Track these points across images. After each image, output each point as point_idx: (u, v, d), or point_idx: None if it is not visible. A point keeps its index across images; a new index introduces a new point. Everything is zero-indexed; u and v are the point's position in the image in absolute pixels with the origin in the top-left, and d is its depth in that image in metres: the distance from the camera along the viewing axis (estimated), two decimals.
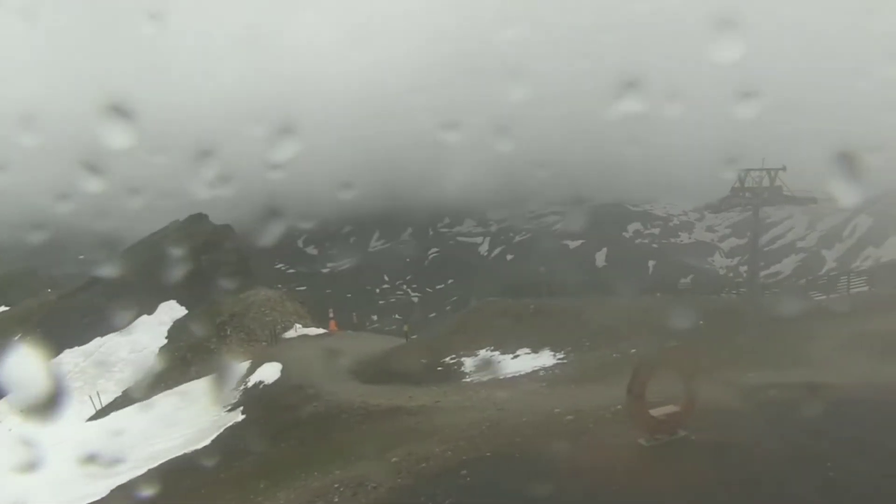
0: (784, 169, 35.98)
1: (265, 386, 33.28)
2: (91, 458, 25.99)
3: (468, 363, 32.63)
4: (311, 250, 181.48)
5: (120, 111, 11.37)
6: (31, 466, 14.65)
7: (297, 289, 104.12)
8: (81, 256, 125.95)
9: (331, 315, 53.64)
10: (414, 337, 48.23)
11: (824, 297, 38.52)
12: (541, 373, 28.50)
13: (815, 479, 10.97)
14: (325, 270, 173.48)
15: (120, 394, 45.90)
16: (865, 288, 38.05)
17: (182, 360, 47.12)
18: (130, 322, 55.68)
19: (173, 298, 58.09)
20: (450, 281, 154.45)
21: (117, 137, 11.48)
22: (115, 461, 25.18)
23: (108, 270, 55.45)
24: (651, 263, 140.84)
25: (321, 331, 50.18)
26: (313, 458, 18.68)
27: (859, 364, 18.22)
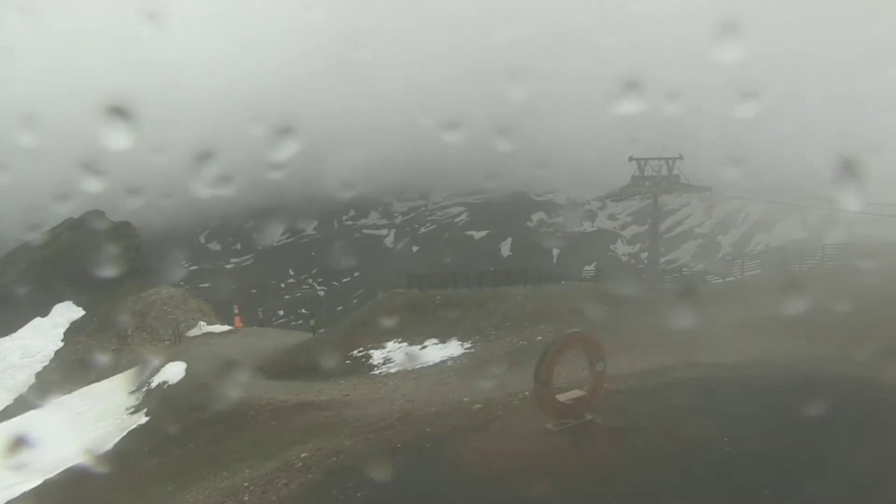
0: (681, 158, 37.10)
1: (169, 386, 32.48)
2: None
3: (376, 356, 32.58)
4: (214, 246, 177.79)
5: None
6: None
7: (201, 286, 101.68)
8: None
9: (236, 311, 52.82)
10: (321, 331, 47.83)
11: (721, 280, 40.00)
12: (449, 363, 28.69)
13: (714, 456, 11.38)
14: (228, 266, 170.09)
15: (12, 401, 43.90)
16: (758, 271, 39.69)
17: (80, 363, 45.50)
18: (21, 326, 53.26)
19: (69, 299, 55.88)
20: (356, 274, 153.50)
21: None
22: (8, 472, 24.10)
23: None
24: (555, 252, 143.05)
25: (226, 328, 49.32)
26: (222, 457, 18.36)
27: (754, 344, 18.99)
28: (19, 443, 18.56)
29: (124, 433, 27.91)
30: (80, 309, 55.82)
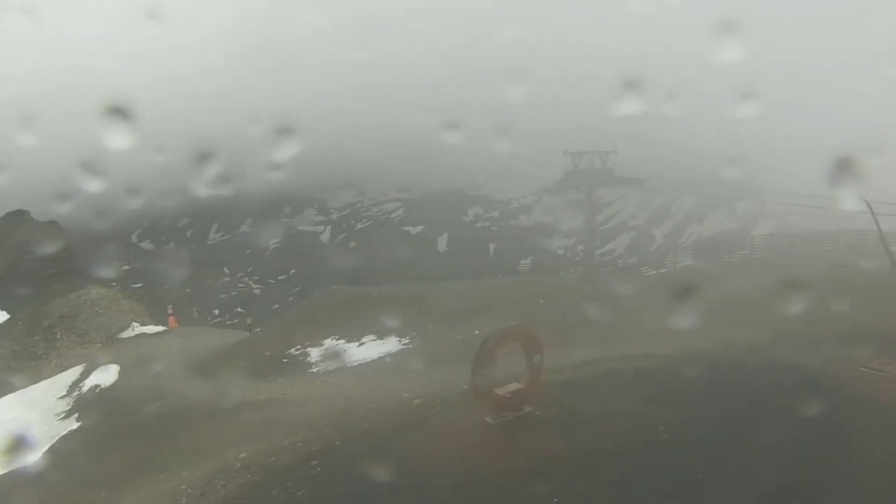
0: (615, 152, 37.61)
1: (102, 390, 31.72)
2: None
3: (314, 353, 32.33)
4: (147, 245, 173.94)
5: None
6: None
7: (133, 286, 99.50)
8: None
9: (170, 311, 51.80)
10: (257, 329, 47.24)
11: (654, 272, 40.74)
12: (387, 359, 28.63)
13: (651, 444, 11.62)
14: (162, 265, 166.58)
15: None
16: (690, 262, 40.53)
17: (4, 369, 44.07)
18: None
19: None
20: (292, 271, 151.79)
21: None
22: None
23: None
24: (492, 246, 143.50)
25: (161, 328, 48.33)
26: (158, 460, 18.02)
27: (686, 334, 19.38)
28: None
29: (54, 440, 27.18)
30: (4, 312, 54.04)
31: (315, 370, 30.18)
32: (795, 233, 43.02)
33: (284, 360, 32.20)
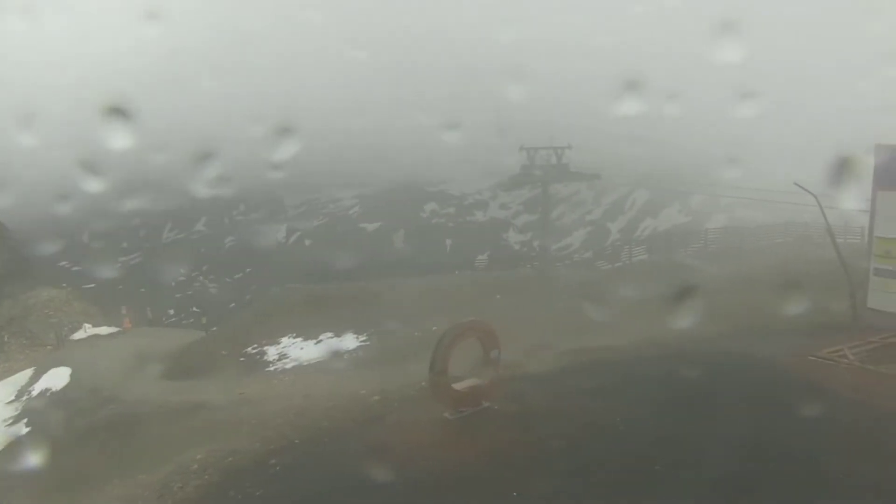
0: (570, 147, 37.76)
1: (53, 393, 31.16)
2: None
3: (271, 352, 32.10)
4: (99, 245, 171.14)
5: None
6: None
7: (85, 287, 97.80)
8: None
9: (124, 312, 50.98)
10: (213, 329, 46.73)
11: (610, 266, 41.14)
12: (345, 356, 28.55)
13: (607, 433, 11.75)
14: (115, 266, 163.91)
15: None
16: (645, 256, 41.01)
17: None
18: None
19: None
20: (248, 269, 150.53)
21: None
22: None
23: None
24: (448, 242, 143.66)
25: (114, 329, 47.58)
26: (113, 464, 17.79)
27: (642, 326, 19.63)
28: None
29: (2, 446, 26.63)
30: None
31: (272, 369, 29.97)
32: (747, 226, 43.78)
33: (241, 360, 31.92)
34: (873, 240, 19.21)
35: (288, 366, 29.63)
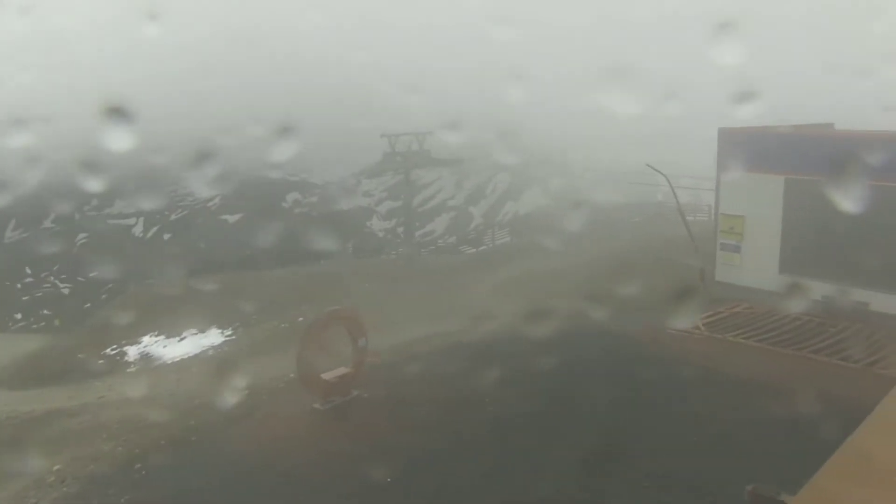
0: (431, 133, 38.04)
1: None
2: None
3: (132, 352, 30.98)
4: None
5: None
6: None
7: None
8: None
9: None
10: (68, 332, 44.62)
11: (474, 249, 41.86)
12: (210, 352, 27.93)
13: (479, 416, 12.02)
14: None
15: None
16: (508, 239, 41.98)
17: None
18: None
19: None
20: (103, 267, 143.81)
21: None
22: None
23: None
24: (313, 231, 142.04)
25: None
26: None
27: (506, 308, 20.11)
28: None
29: None
30: None
31: (134, 369, 28.97)
32: (604, 206, 45.36)
33: (100, 362, 30.64)
34: (719, 217, 20.46)
35: (151, 365, 28.72)
